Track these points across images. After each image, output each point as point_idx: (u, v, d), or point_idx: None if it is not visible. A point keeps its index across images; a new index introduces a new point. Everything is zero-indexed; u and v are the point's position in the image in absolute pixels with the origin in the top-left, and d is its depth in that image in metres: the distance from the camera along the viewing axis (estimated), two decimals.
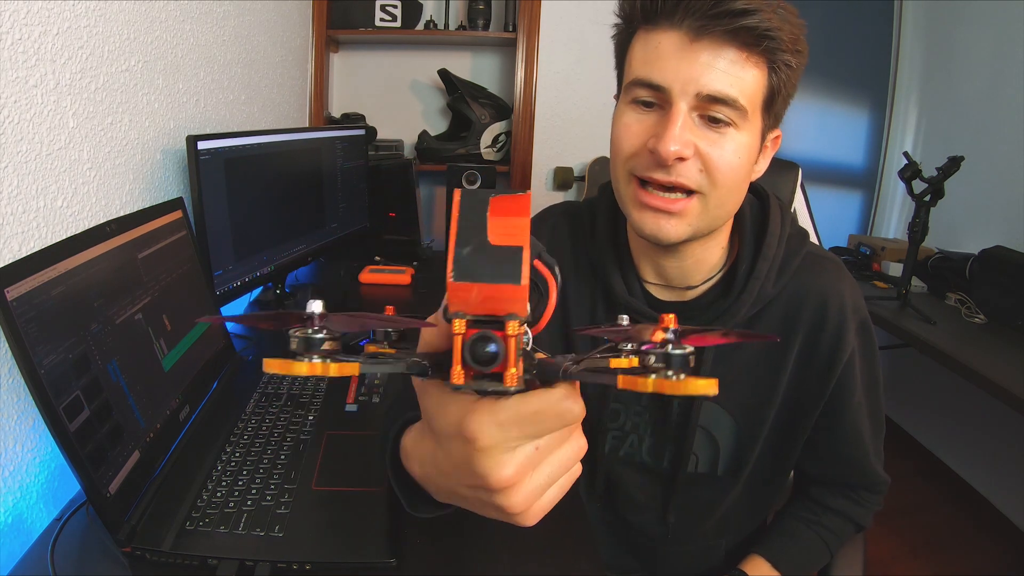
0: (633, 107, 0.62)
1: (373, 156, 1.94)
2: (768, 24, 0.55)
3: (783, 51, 0.57)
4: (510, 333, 0.27)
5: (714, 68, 0.56)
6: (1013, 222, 1.97)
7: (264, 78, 1.52)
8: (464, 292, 0.27)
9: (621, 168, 0.64)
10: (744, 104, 0.58)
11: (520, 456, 0.31)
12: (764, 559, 0.77)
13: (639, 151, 0.61)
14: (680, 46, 0.57)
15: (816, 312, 0.69)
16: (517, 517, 0.33)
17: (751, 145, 0.61)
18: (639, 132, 0.61)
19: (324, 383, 0.97)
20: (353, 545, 0.64)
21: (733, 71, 0.57)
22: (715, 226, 0.66)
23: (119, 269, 0.73)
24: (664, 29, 0.58)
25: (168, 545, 0.61)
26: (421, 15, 2.03)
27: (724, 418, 0.73)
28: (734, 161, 0.60)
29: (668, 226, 0.62)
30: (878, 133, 2.60)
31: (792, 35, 0.57)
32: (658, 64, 0.58)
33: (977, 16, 2.17)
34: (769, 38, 0.56)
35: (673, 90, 0.58)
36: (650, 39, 0.59)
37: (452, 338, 0.27)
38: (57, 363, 0.58)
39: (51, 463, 0.73)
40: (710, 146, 0.59)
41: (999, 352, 1.48)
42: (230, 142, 1.09)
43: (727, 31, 0.55)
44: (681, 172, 0.59)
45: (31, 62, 0.71)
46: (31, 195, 0.71)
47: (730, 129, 0.59)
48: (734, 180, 0.61)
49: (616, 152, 0.64)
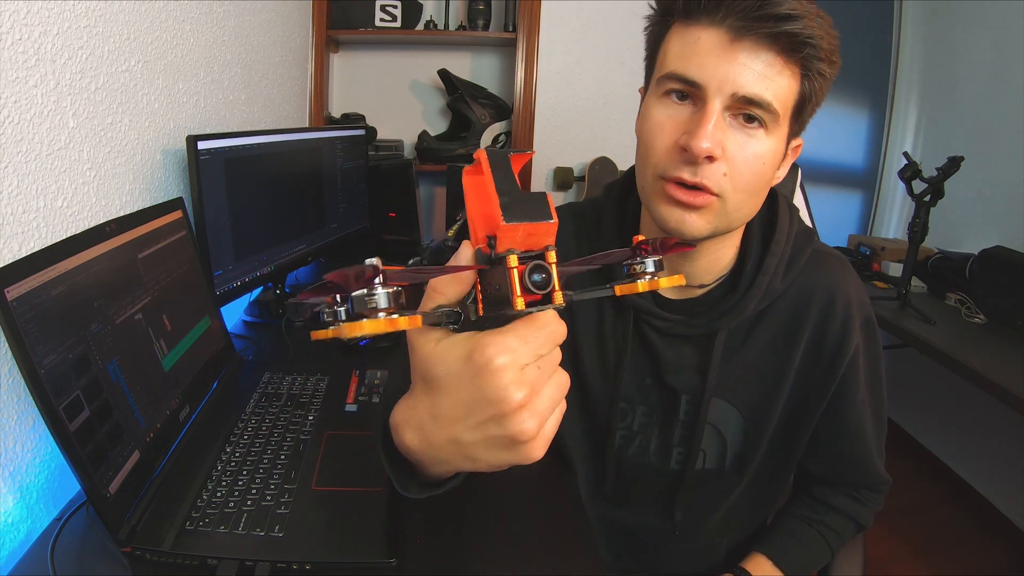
0: (664, 100, 0.61)
1: (373, 156, 1.94)
2: (810, 31, 0.55)
3: (820, 60, 0.57)
4: (551, 261, 0.34)
5: (751, 69, 0.56)
6: (1013, 222, 1.97)
7: (264, 78, 1.52)
8: (513, 232, 0.33)
9: (650, 169, 0.63)
10: (777, 108, 0.57)
11: (529, 376, 0.35)
12: (766, 557, 0.77)
13: (669, 149, 0.61)
14: (720, 44, 0.56)
15: (823, 308, 0.70)
16: (528, 446, 0.36)
17: (776, 151, 0.61)
18: (670, 130, 0.60)
19: (324, 383, 0.97)
20: (353, 545, 0.64)
21: (769, 74, 0.56)
22: (731, 228, 0.66)
23: (119, 269, 0.73)
24: (704, 25, 0.57)
25: (168, 545, 0.61)
26: (421, 15, 2.03)
27: (732, 414, 0.73)
28: (757, 166, 0.60)
29: (690, 220, 0.62)
30: (878, 133, 2.60)
31: (830, 45, 0.58)
32: (696, 60, 0.58)
33: (977, 16, 2.17)
34: (810, 45, 0.56)
35: (709, 88, 0.57)
36: (688, 34, 0.59)
37: (508, 272, 0.33)
38: (57, 363, 0.58)
39: (51, 463, 0.73)
40: (738, 148, 0.59)
41: (999, 352, 1.48)
42: (230, 142, 1.09)
43: (769, 34, 0.55)
44: (706, 174, 0.59)
45: (31, 62, 0.71)
46: (31, 195, 0.71)
47: (760, 131, 0.59)
48: (755, 185, 0.61)
49: (646, 151, 0.63)
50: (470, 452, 0.38)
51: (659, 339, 0.73)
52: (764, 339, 0.71)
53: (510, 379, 0.35)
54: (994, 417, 1.95)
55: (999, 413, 1.89)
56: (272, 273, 1.26)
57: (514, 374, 0.35)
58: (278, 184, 1.28)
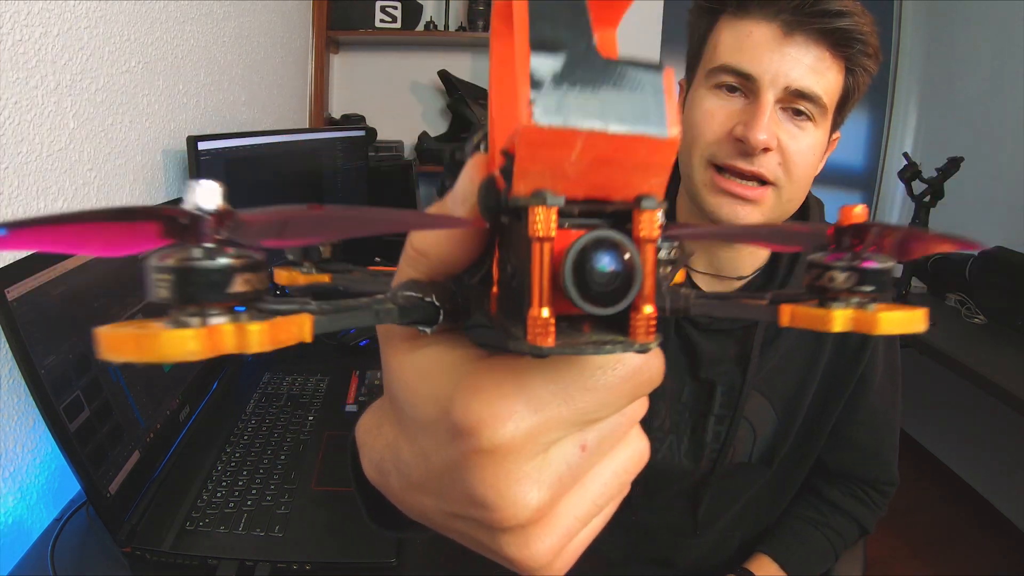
0: (715, 92, 0.62)
1: (373, 157, 1.94)
2: (860, 28, 0.56)
3: (867, 56, 0.59)
4: (645, 235, 0.14)
5: (802, 64, 0.57)
6: (1013, 222, 1.97)
7: (264, 79, 1.52)
8: (556, 148, 0.13)
9: (698, 154, 0.64)
10: (826, 102, 0.59)
11: (556, 466, 0.17)
12: (771, 559, 0.76)
13: (722, 138, 0.62)
14: (773, 38, 0.58)
15: None
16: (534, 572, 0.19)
17: (823, 143, 0.63)
18: (723, 119, 0.61)
19: (324, 383, 0.97)
20: (353, 545, 0.64)
21: (819, 68, 0.58)
22: (783, 218, 0.66)
23: (119, 269, 0.73)
24: (756, 19, 0.59)
25: (168, 545, 0.61)
26: (421, 16, 2.04)
27: (765, 406, 0.73)
28: (809, 156, 0.61)
29: (744, 212, 0.62)
30: (878, 133, 2.60)
31: (876, 42, 0.59)
32: (749, 53, 0.59)
33: (977, 16, 2.17)
34: (860, 41, 0.57)
35: (763, 81, 0.58)
36: (741, 27, 0.60)
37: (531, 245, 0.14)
38: (57, 363, 0.58)
39: (51, 463, 0.73)
40: (790, 140, 0.60)
41: (999, 352, 1.48)
42: (230, 143, 1.09)
43: (821, 29, 0.56)
44: (763, 163, 0.60)
45: (31, 63, 0.71)
46: (32, 196, 0.72)
47: (810, 124, 0.60)
48: (807, 175, 0.63)
49: (695, 137, 0.64)
50: (454, 536, 0.23)
51: (698, 333, 0.72)
52: (796, 331, 0.71)
53: (510, 478, 0.17)
54: (994, 417, 1.94)
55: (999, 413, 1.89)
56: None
57: (523, 465, 0.17)
58: (278, 185, 1.28)
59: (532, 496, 0.17)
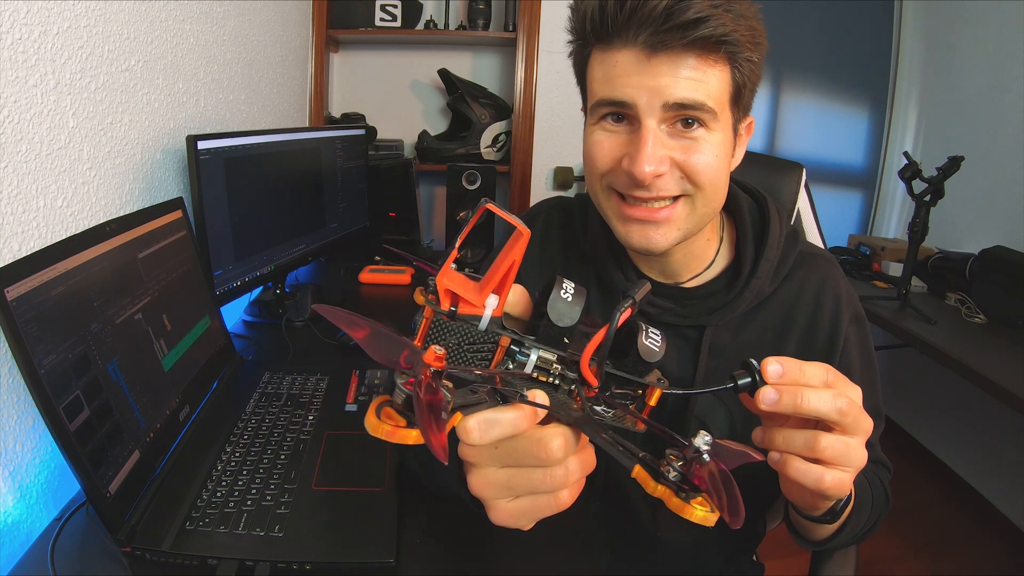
0: (601, 125, 0.62)
1: (373, 156, 1.94)
2: (724, 29, 0.54)
3: (743, 50, 0.57)
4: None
5: (677, 77, 0.56)
6: (1013, 222, 1.97)
7: (264, 78, 1.52)
8: None
9: (599, 183, 0.65)
10: (712, 106, 0.58)
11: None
12: None
13: (614, 168, 0.62)
14: (638, 62, 0.57)
15: (811, 307, 0.71)
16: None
17: (726, 141, 0.62)
18: (611, 149, 0.61)
19: (324, 383, 0.97)
20: (353, 545, 0.64)
21: (696, 76, 0.56)
22: (704, 224, 0.67)
23: (119, 269, 0.73)
24: (619, 47, 0.58)
25: (168, 545, 0.61)
26: (421, 15, 2.03)
27: (719, 407, 0.73)
28: (712, 162, 0.60)
29: (657, 235, 0.63)
30: (878, 133, 2.60)
31: (749, 30, 0.57)
32: (619, 82, 0.58)
33: (977, 16, 2.17)
34: (727, 43, 0.55)
35: (639, 105, 0.58)
36: (607, 58, 0.59)
37: None
38: (57, 363, 0.58)
39: (51, 463, 0.73)
40: (685, 154, 0.59)
41: (999, 352, 1.48)
42: (230, 142, 1.09)
43: (683, 43, 0.55)
44: (660, 187, 0.60)
45: (31, 62, 0.71)
46: (31, 195, 0.71)
47: (702, 131, 0.59)
48: (717, 178, 0.62)
49: (591, 169, 0.65)
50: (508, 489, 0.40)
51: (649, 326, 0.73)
52: (751, 338, 0.72)
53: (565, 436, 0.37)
54: (994, 417, 1.95)
55: (999, 413, 1.89)
56: (272, 273, 1.26)
57: None
58: (278, 184, 1.28)
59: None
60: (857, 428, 0.44)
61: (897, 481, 0.83)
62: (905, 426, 2.37)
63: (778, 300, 0.72)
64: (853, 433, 0.44)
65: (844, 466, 0.45)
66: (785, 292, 0.72)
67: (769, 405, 0.42)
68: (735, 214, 0.74)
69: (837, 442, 0.44)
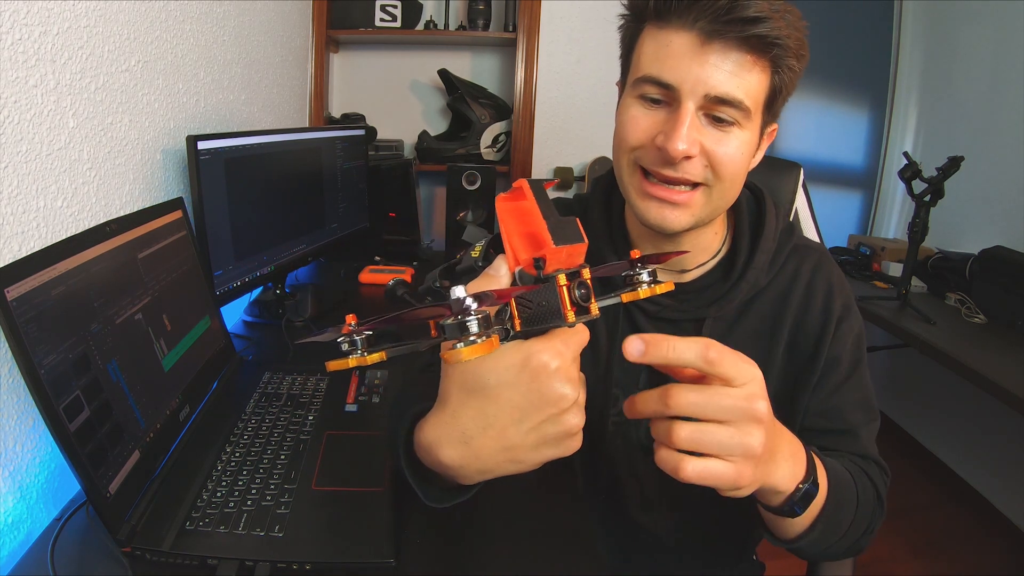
0: (640, 101, 0.64)
1: (373, 156, 1.94)
2: (778, 32, 0.57)
3: (789, 56, 0.59)
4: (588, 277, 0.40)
5: (722, 70, 0.58)
6: (1013, 222, 1.97)
7: (264, 78, 1.52)
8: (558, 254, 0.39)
9: (626, 157, 0.66)
10: (749, 105, 0.60)
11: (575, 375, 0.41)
12: None
13: (645, 145, 0.63)
14: (691, 47, 0.58)
15: (802, 297, 0.72)
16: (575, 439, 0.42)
17: (752, 141, 0.64)
18: (647, 127, 0.63)
19: (324, 383, 0.97)
20: (353, 545, 0.64)
21: (740, 73, 0.58)
22: (716, 215, 0.68)
23: (119, 269, 0.73)
24: (675, 28, 0.59)
25: (168, 545, 0.61)
26: (421, 15, 2.03)
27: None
28: (737, 157, 0.62)
29: (672, 216, 0.64)
30: (878, 133, 2.60)
31: (798, 41, 0.59)
32: (669, 63, 0.60)
33: (977, 16, 2.17)
34: (778, 45, 0.57)
35: (683, 90, 0.59)
36: (660, 37, 0.60)
37: (559, 289, 0.38)
38: (57, 363, 0.58)
39: (51, 463, 0.73)
40: (715, 144, 0.61)
41: (999, 352, 1.48)
42: (230, 142, 1.09)
43: (738, 37, 0.56)
44: (687, 169, 0.62)
45: (31, 62, 0.71)
46: (31, 195, 0.71)
47: (734, 128, 0.61)
48: (737, 174, 0.64)
49: (621, 141, 0.66)
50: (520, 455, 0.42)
51: (648, 323, 0.74)
52: (748, 329, 0.73)
53: (566, 379, 0.40)
54: (994, 417, 1.95)
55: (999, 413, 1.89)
56: (272, 273, 1.26)
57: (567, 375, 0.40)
58: (278, 184, 1.28)
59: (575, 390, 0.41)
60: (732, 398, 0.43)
61: (897, 481, 0.82)
62: (905, 426, 2.37)
63: (772, 290, 0.73)
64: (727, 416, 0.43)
65: (714, 452, 0.43)
66: (779, 282, 0.73)
67: (636, 356, 0.42)
68: (732, 206, 0.75)
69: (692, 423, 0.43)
